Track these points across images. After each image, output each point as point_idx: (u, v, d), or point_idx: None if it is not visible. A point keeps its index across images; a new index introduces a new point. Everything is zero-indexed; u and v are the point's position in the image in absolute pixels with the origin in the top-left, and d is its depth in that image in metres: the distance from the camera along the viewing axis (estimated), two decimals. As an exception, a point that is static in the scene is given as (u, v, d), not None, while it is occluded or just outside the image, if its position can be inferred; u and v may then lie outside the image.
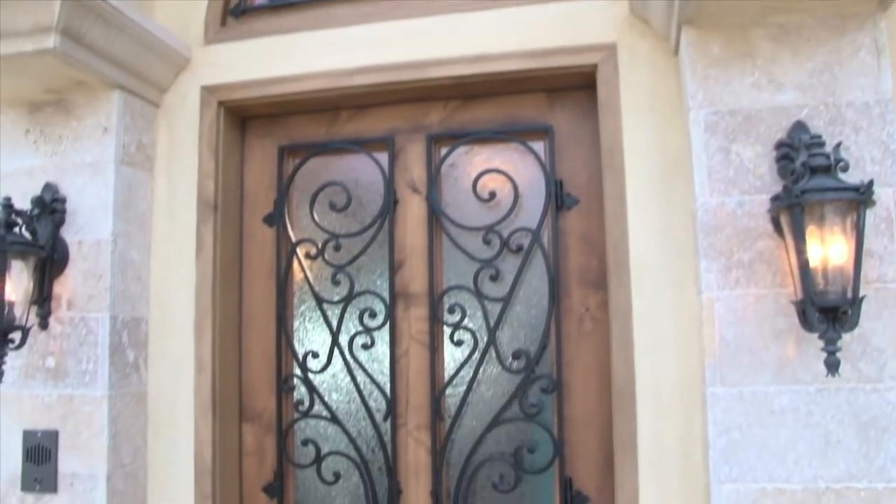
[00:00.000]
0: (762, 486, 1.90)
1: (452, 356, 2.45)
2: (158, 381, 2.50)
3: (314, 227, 2.56)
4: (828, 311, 1.77)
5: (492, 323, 2.39)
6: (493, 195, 2.41)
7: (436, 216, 2.46)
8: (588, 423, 2.32)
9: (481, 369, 2.40)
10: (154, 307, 2.52)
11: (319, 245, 2.53)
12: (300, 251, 2.57)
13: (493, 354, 2.39)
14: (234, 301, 2.58)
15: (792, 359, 1.92)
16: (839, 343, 1.78)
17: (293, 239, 2.57)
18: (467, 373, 2.41)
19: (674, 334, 2.15)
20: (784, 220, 1.84)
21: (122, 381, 2.38)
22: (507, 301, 2.39)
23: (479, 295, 2.40)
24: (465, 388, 2.40)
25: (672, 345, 2.15)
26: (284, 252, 2.57)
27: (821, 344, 1.80)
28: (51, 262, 2.37)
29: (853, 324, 1.77)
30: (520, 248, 2.39)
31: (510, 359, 2.39)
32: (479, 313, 2.41)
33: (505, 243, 2.40)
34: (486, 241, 2.41)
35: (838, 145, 1.87)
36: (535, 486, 2.36)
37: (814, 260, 1.77)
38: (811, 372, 1.91)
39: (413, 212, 2.50)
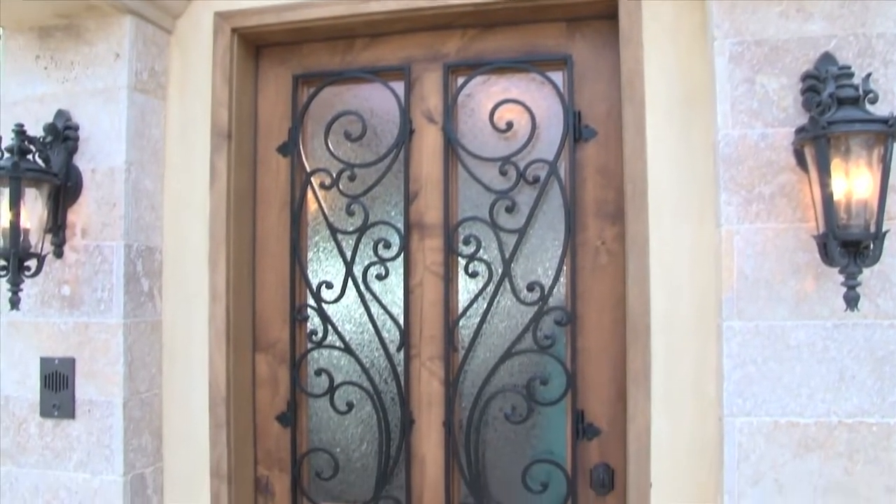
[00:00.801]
0: (775, 420, 1.91)
1: (466, 288, 2.44)
2: (173, 310, 2.51)
3: (329, 157, 2.53)
4: (849, 246, 1.75)
5: (507, 255, 2.38)
6: (510, 126, 2.37)
7: (452, 146, 2.43)
8: (601, 355, 2.32)
9: (495, 301, 2.40)
10: (168, 236, 2.52)
11: (334, 175, 2.51)
12: (314, 181, 2.54)
13: (508, 286, 2.39)
14: (248, 231, 2.57)
15: (810, 294, 1.91)
16: (859, 278, 1.76)
17: (308, 169, 2.55)
18: (481, 304, 2.41)
19: (690, 268, 2.14)
20: (808, 153, 1.81)
21: (136, 309, 2.39)
22: (522, 233, 2.37)
23: (495, 226, 2.39)
24: (478, 319, 2.41)
25: (688, 279, 2.14)
26: (299, 182, 2.55)
27: (840, 279, 1.79)
28: (64, 190, 2.36)
29: (875, 258, 1.76)
30: (536, 180, 2.36)
31: (524, 291, 2.38)
32: (495, 245, 2.39)
33: (521, 175, 2.37)
34: (503, 173, 2.38)
35: (867, 77, 1.83)
36: (547, 418, 2.38)
37: (838, 193, 1.74)
38: (829, 307, 1.90)
39: (429, 142, 2.47)
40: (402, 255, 2.46)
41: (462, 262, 2.43)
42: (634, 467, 2.17)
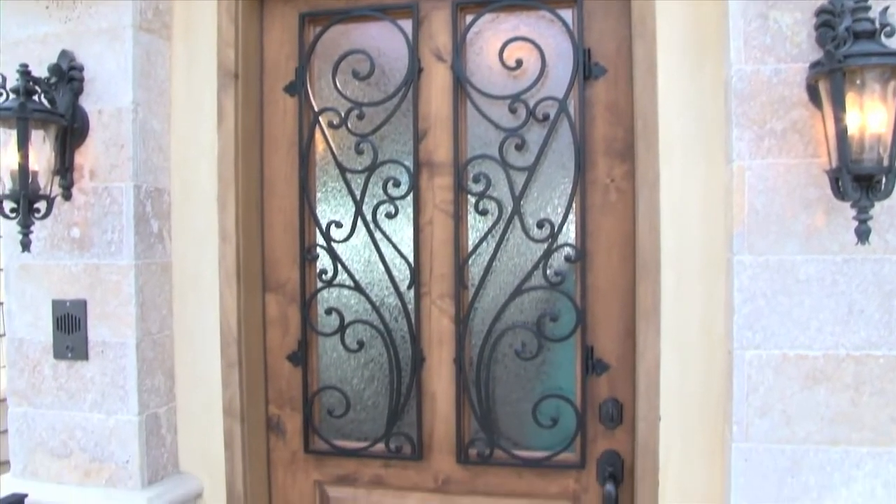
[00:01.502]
0: (784, 353, 1.95)
1: (476, 226, 2.45)
2: (182, 251, 2.52)
3: (337, 96, 2.51)
4: (862, 180, 1.76)
5: (517, 192, 2.38)
6: (519, 63, 2.36)
7: (461, 84, 2.41)
8: (610, 292, 2.35)
9: (505, 239, 2.41)
10: (176, 178, 2.51)
11: (343, 114, 2.49)
12: (323, 120, 2.53)
13: (518, 224, 2.39)
14: (256, 171, 2.57)
15: (820, 228, 1.93)
16: (870, 212, 1.77)
17: (315, 108, 2.53)
18: (491, 242, 2.42)
19: (701, 205, 2.15)
20: (823, 87, 1.81)
21: (146, 251, 2.40)
22: (531, 171, 2.37)
23: (505, 164, 2.38)
24: (488, 257, 2.42)
25: (698, 215, 2.16)
26: (307, 121, 2.53)
27: (850, 214, 1.80)
28: (71, 132, 2.35)
29: (887, 193, 1.77)
30: (546, 118, 2.35)
31: (534, 228, 2.39)
32: (504, 183, 2.39)
33: (531, 112, 2.36)
34: (512, 111, 2.37)
35: (885, 10, 1.81)
36: (556, 354, 2.42)
37: (852, 127, 1.74)
38: (839, 242, 1.92)
39: (437, 80, 2.45)
40: (412, 193, 2.46)
41: (472, 200, 2.43)
42: (644, 402, 2.22)
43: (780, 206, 1.94)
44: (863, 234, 1.76)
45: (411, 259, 2.47)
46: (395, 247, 2.49)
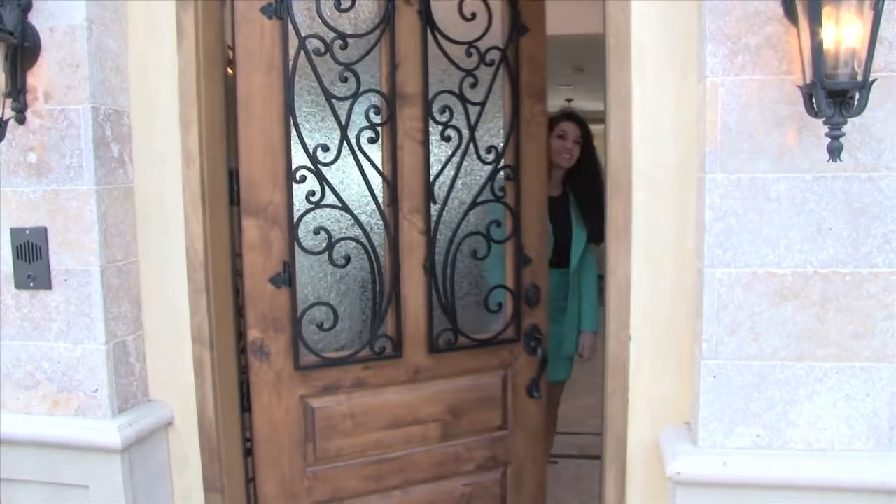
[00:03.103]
0: (754, 271, 1.96)
1: (440, 151, 2.68)
2: (145, 175, 2.44)
3: (321, 24, 2.45)
4: (836, 96, 1.74)
5: (472, 123, 2.68)
6: (473, 16, 2.61)
7: (428, 27, 2.57)
8: (532, 201, 2.82)
9: (464, 161, 2.71)
10: (136, 99, 2.41)
11: (328, 41, 2.46)
12: (309, 46, 2.45)
13: (472, 149, 2.70)
14: (219, 92, 2.49)
15: (792, 146, 1.93)
16: (843, 129, 1.77)
17: (301, 33, 2.44)
18: (452, 165, 2.69)
19: (673, 123, 2.14)
20: (799, 1, 1.78)
21: (107, 175, 2.33)
22: (483, 105, 2.69)
23: (463, 99, 2.66)
24: (450, 177, 2.70)
25: (671, 133, 2.14)
26: (293, 46, 2.44)
27: (822, 132, 1.79)
28: (22, 51, 2.24)
29: (860, 109, 1.75)
30: (492, 63, 2.68)
31: (484, 153, 2.74)
32: (462, 115, 2.67)
33: (482, 57, 2.66)
34: (468, 54, 2.63)
35: (862, -81, 1.78)
36: (499, 252, 2.84)
37: (827, 41, 1.72)
38: (810, 160, 1.92)
39: (407, 22, 2.55)
40: (389, 121, 2.55)
41: (438, 128, 2.62)
42: (615, 319, 2.24)
43: (752, 123, 1.93)
44: (834, 151, 1.76)
45: (391, 180, 2.59)
46: (377, 169, 2.58)
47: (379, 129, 2.55)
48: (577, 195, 3.70)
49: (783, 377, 1.99)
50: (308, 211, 2.54)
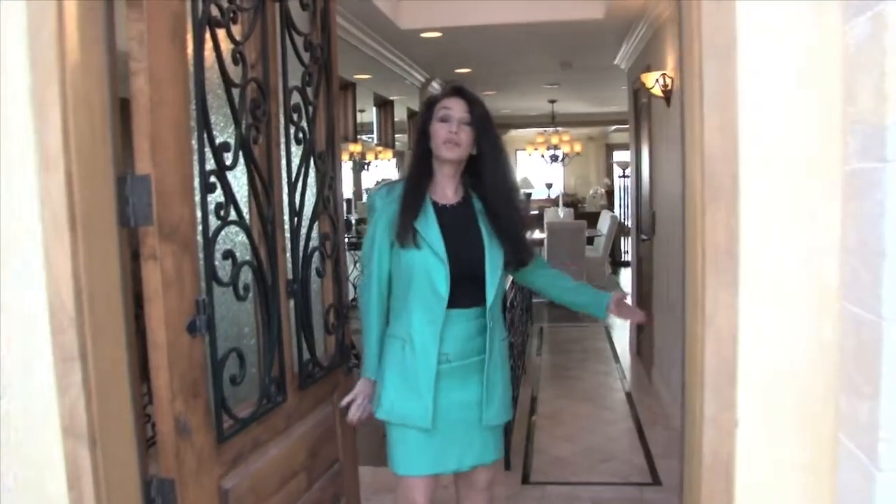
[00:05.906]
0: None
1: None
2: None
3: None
4: None
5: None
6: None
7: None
8: None
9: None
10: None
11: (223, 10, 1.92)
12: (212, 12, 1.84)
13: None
14: (102, 58, 1.64)
15: None
16: None
17: None
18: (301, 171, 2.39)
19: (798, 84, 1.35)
20: None
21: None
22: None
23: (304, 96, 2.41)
24: (301, 184, 2.38)
25: (801, 102, 1.36)
26: (200, 9, 1.81)
27: None
28: None
29: None
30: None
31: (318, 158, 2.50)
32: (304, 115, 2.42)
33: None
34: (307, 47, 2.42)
35: None
36: None
37: None
38: None
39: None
40: (265, 118, 2.14)
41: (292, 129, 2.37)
42: (713, 397, 1.47)
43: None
44: None
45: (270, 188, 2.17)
46: (260, 175, 2.11)
47: (260, 126, 2.10)
48: (485, 200, 2.58)
49: None
50: (219, 230, 1.94)
